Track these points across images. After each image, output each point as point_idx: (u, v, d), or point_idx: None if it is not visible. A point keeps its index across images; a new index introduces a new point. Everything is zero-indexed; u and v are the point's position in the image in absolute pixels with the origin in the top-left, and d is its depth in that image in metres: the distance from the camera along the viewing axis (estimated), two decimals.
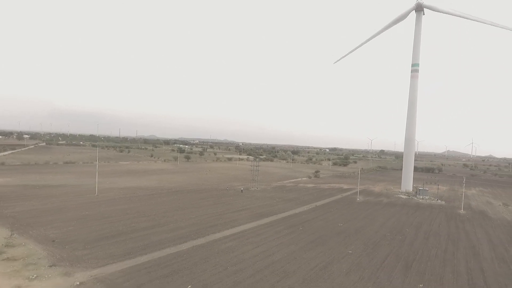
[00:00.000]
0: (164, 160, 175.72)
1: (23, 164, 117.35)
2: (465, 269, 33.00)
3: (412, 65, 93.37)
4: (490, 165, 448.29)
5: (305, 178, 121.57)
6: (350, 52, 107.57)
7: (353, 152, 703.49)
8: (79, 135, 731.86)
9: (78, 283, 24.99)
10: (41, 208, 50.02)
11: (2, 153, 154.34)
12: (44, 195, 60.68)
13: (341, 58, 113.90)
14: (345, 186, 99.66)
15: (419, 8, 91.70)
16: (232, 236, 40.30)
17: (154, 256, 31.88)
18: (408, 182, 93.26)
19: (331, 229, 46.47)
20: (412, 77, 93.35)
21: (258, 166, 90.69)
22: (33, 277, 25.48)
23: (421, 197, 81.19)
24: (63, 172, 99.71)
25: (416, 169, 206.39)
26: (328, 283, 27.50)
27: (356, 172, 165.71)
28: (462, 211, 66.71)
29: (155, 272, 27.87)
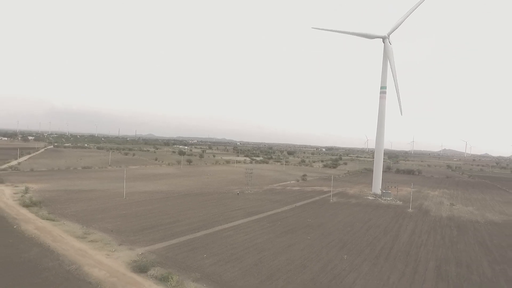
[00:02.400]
0: (168, 164, 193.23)
1: (48, 170, 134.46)
2: (380, 248, 51.05)
3: (381, 88, 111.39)
4: (478, 165, 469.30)
5: (293, 181, 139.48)
6: (329, 30, 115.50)
7: (349, 152, 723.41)
8: (79, 136, 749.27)
9: (140, 253, 42.76)
10: (89, 209, 67.63)
11: (22, 158, 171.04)
12: (85, 198, 78.23)
13: (322, 29, 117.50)
14: (326, 189, 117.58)
15: (383, 38, 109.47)
16: (230, 228, 58.16)
17: (180, 240, 49.65)
18: (377, 185, 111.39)
19: (301, 223, 64.45)
20: (380, 98, 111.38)
21: (252, 173, 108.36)
22: (113, 250, 43.25)
23: (384, 198, 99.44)
24: (86, 178, 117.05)
25: (398, 171, 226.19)
26: (288, 254, 45.44)
27: (341, 175, 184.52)
28: (410, 210, 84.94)
29: (183, 248, 45.67)
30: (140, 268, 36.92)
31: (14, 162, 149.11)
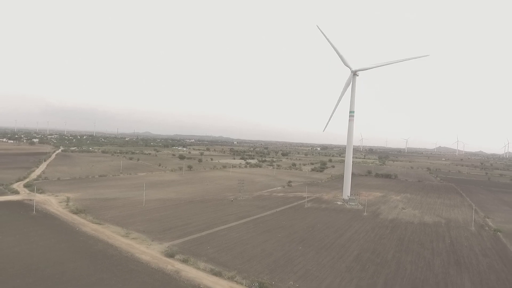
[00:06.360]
0: (171, 170, 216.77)
1: (71, 178, 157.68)
2: (326, 242, 75.28)
3: (350, 112, 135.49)
4: (462, 165, 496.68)
5: (279, 187, 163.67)
6: (330, 117, 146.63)
7: (343, 151, 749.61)
8: (79, 135, 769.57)
9: (167, 246, 66.63)
10: (121, 215, 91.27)
11: (43, 166, 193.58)
12: (114, 206, 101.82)
13: (326, 125, 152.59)
14: (305, 195, 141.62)
15: (353, 73, 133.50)
16: (225, 229, 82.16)
17: (191, 237, 73.55)
18: (346, 192, 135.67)
19: (277, 225, 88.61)
20: (349, 120, 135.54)
21: (243, 182, 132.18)
22: (149, 244, 67.13)
23: (349, 204, 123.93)
24: (106, 186, 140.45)
25: (377, 175, 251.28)
26: (263, 246, 69.54)
27: (325, 180, 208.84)
28: (365, 214, 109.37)
29: (194, 243, 69.61)
30: (170, 255, 60.89)
31: (38, 171, 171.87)
